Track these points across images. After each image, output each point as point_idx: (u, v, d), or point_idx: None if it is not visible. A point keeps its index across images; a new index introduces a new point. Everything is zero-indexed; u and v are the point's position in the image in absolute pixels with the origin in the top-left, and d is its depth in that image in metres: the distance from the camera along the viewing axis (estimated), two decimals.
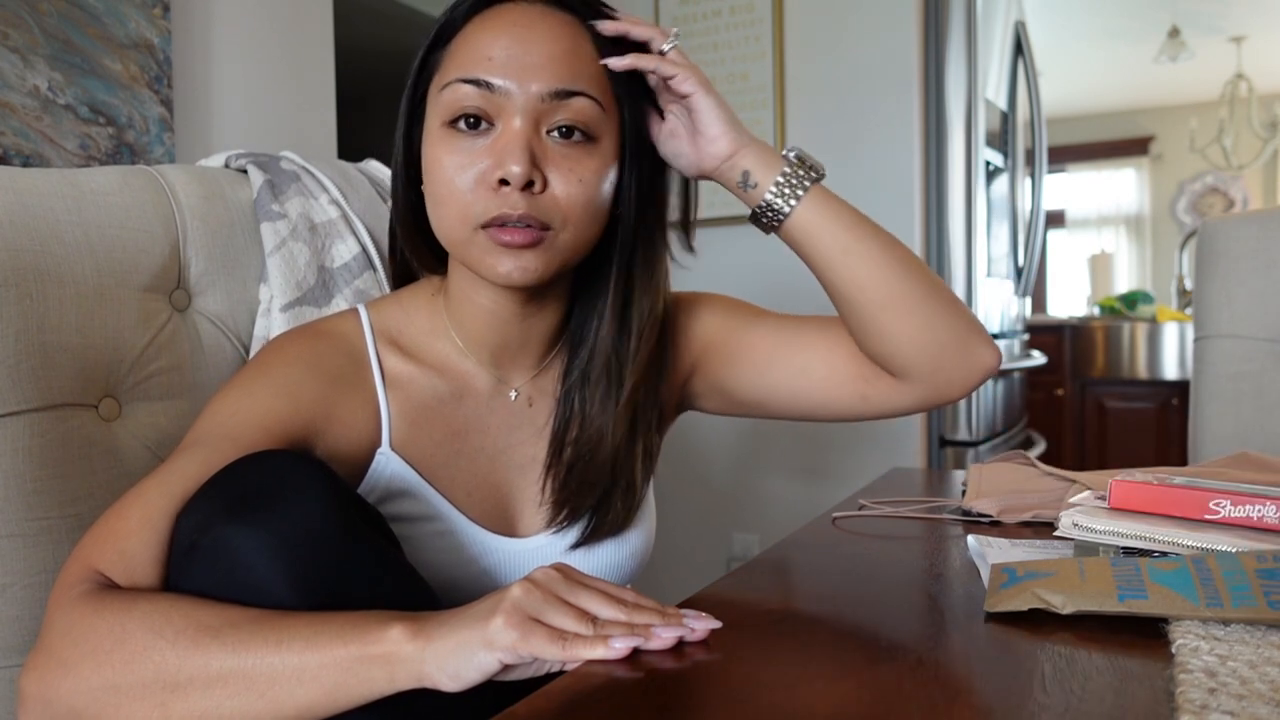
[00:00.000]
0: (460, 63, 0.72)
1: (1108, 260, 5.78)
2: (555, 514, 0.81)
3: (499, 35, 0.71)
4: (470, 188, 0.70)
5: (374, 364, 0.78)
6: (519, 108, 0.70)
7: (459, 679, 0.53)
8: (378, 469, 0.76)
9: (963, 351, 0.80)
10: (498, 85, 0.70)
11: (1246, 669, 0.49)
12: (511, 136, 0.70)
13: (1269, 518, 0.66)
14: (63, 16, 1.44)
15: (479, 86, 0.70)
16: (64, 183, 0.83)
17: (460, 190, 0.70)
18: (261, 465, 0.62)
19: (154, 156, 1.57)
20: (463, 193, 0.70)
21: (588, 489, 0.80)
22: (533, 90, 0.70)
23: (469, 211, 0.70)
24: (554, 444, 0.81)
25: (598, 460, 0.80)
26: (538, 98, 0.70)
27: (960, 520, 0.94)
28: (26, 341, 0.75)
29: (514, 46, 0.70)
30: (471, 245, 0.72)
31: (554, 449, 0.81)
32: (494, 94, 0.70)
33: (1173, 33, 4.57)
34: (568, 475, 0.80)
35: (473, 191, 0.70)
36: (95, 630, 0.56)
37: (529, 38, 0.71)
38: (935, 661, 0.55)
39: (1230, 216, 1.28)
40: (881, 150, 2.25)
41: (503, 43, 0.71)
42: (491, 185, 0.69)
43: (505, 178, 0.69)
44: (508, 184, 0.69)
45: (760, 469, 2.41)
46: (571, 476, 0.80)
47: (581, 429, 0.80)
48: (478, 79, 0.70)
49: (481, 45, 0.71)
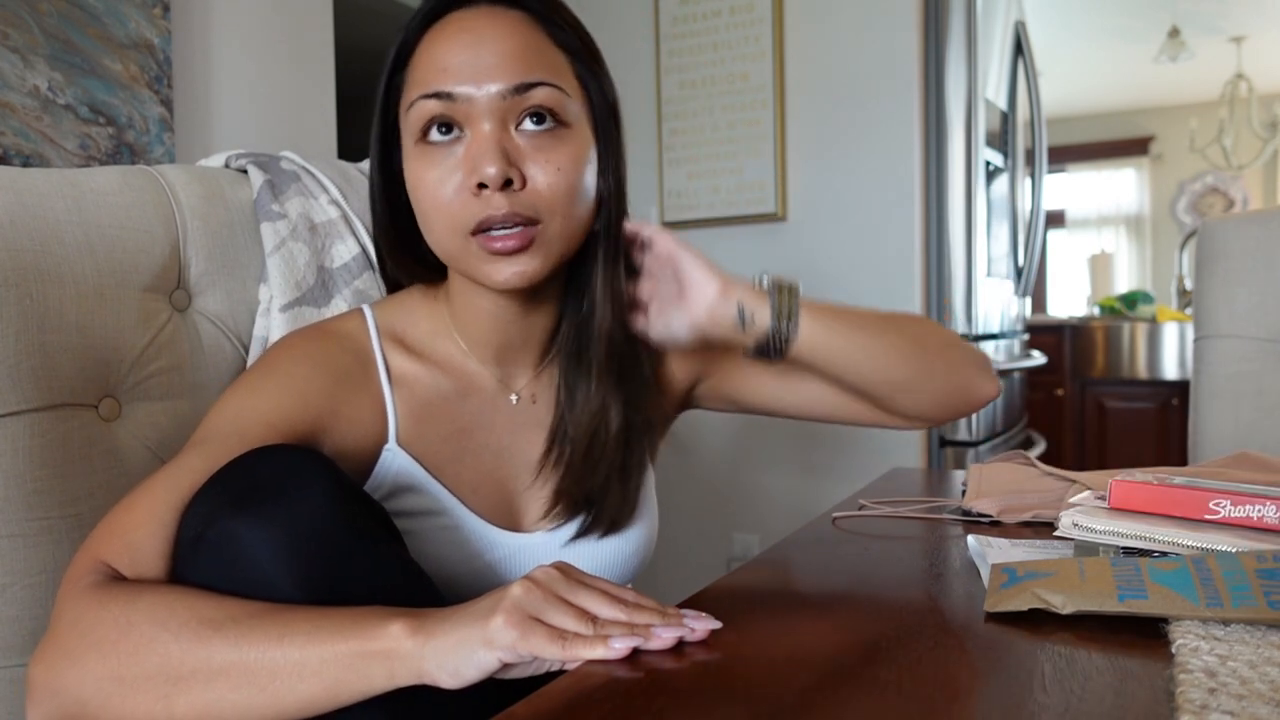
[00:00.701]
0: (419, 80, 0.73)
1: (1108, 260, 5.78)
2: (559, 509, 0.81)
3: (451, 45, 0.72)
4: (453, 197, 0.71)
5: (380, 362, 0.79)
6: (483, 111, 0.71)
7: (458, 677, 0.53)
8: (385, 465, 0.77)
9: (966, 395, 0.88)
10: (458, 93, 0.71)
11: (1246, 669, 0.49)
12: (481, 140, 0.70)
13: (1269, 518, 0.66)
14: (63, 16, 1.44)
15: (440, 99, 0.71)
16: (64, 183, 0.83)
17: (445, 202, 0.71)
18: (266, 460, 0.63)
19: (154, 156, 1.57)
20: (447, 204, 0.71)
21: (590, 482, 0.81)
22: (492, 90, 0.71)
23: (456, 221, 0.71)
24: (556, 438, 0.82)
25: (599, 453, 0.81)
26: (499, 97, 0.71)
27: (960, 520, 0.94)
28: (26, 341, 0.75)
29: (466, 52, 0.71)
30: (466, 255, 0.72)
31: (557, 443, 0.82)
32: (456, 102, 0.71)
33: (1173, 33, 4.57)
34: (570, 469, 0.81)
35: (456, 201, 0.71)
36: (101, 622, 0.56)
37: (480, 41, 0.72)
38: (935, 661, 0.55)
39: (1230, 216, 1.28)
40: (881, 150, 2.25)
41: (455, 51, 0.72)
42: (472, 191, 0.70)
43: (482, 181, 0.69)
44: (486, 187, 0.70)
45: (760, 469, 2.41)
46: (574, 470, 0.81)
47: (582, 422, 0.81)
48: (438, 91, 0.71)
49: (436, 58, 0.72)
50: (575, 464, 0.81)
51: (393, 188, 0.78)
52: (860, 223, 2.27)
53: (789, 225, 2.34)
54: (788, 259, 2.34)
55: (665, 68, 2.46)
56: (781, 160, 2.34)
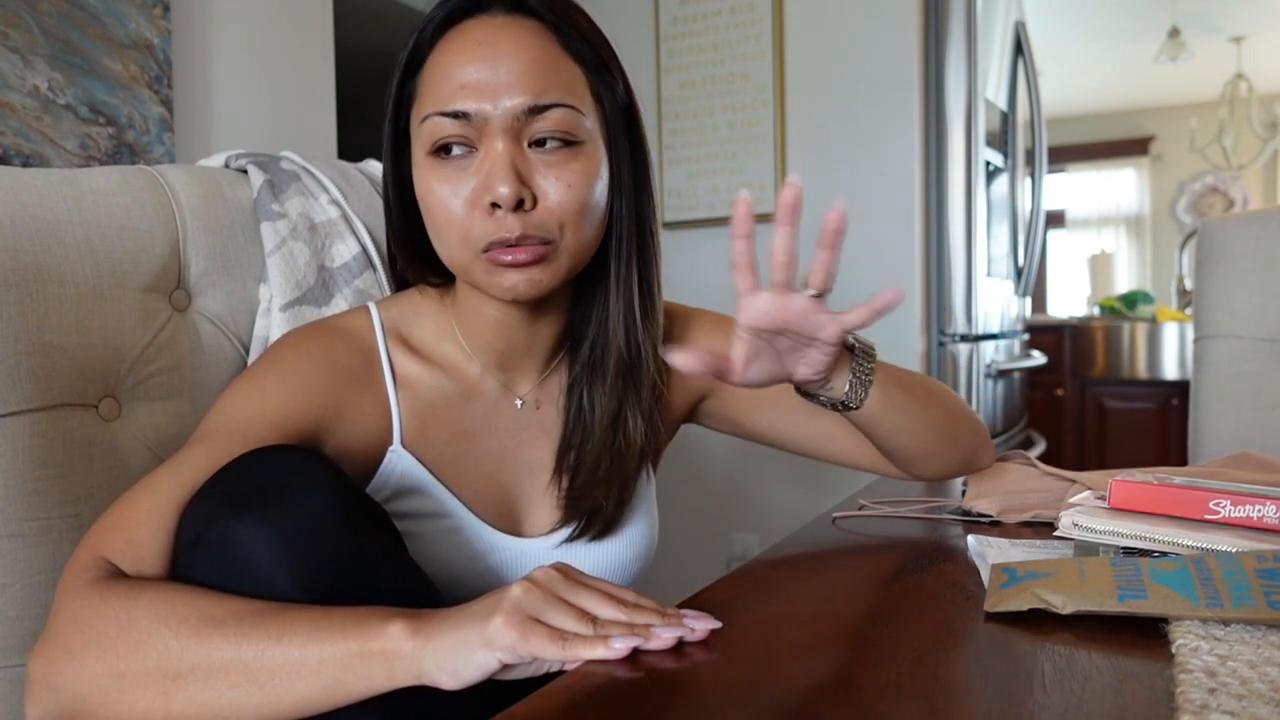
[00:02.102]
0: (433, 95, 0.72)
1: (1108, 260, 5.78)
2: (561, 513, 0.81)
3: (467, 59, 0.71)
4: (465, 212, 0.71)
5: (385, 362, 0.79)
6: (497, 129, 0.70)
7: (458, 677, 0.53)
8: (389, 466, 0.77)
9: (969, 465, 0.93)
10: (473, 112, 0.70)
11: (1246, 669, 0.49)
12: (495, 158, 0.70)
13: (1269, 518, 0.66)
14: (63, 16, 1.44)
15: (455, 118, 0.70)
16: (64, 183, 0.83)
17: (457, 216, 0.71)
18: (266, 461, 0.63)
19: (154, 156, 1.57)
20: (460, 218, 0.71)
21: (593, 488, 0.81)
22: (507, 107, 0.70)
23: (468, 236, 0.71)
24: (562, 445, 0.82)
25: (603, 460, 0.81)
26: (513, 115, 0.70)
27: (960, 520, 0.94)
28: (26, 341, 0.75)
29: (483, 68, 0.70)
30: (475, 268, 0.72)
31: (561, 450, 0.82)
32: (471, 121, 0.70)
33: (1173, 33, 4.57)
34: (575, 475, 0.81)
35: (468, 216, 0.71)
36: (101, 617, 0.56)
37: (496, 56, 0.71)
38: (935, 661, 0.55)
39: (1230, 216, 1.28)
40: (881, 150, 2.25)
41: (472, 67, 0.71)
42: (485, 209, 0.70)
43: (495, 201, 0.69)
44: (499, 207, 0.69)
45: (760, 469, 2.41)
46: (579, 476, 0.81)
47: (587, 429, 0.81)
48: (453, 110, 0.70)
49: (452, 73, 0.71)
50: (581, 472, 0.81)
51: (404, 191, 0.78)
52: (860, 223, 2.27)
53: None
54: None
55: (665, 68, 2.46)
56: (781, 160, 2.34)
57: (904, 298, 0.65)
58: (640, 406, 0.82)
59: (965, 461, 0.92)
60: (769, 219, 2.34)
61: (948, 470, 0.91)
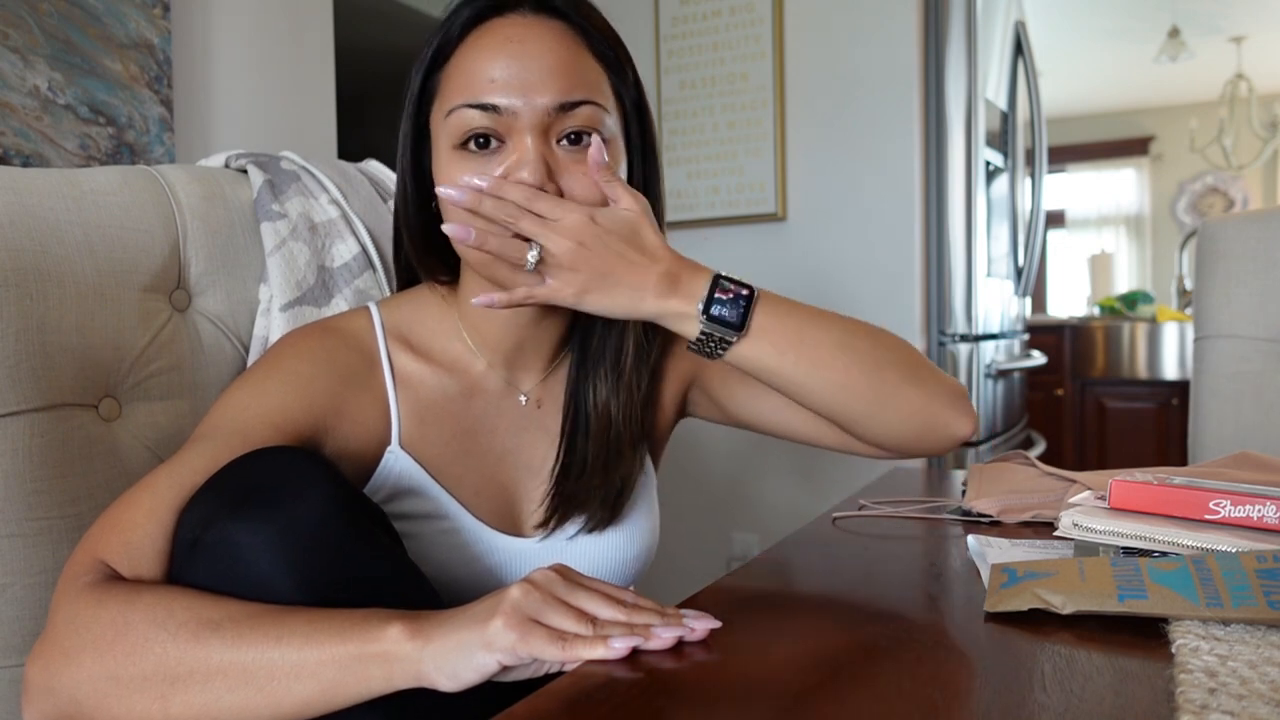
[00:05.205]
0: (462, 87, 0.72)
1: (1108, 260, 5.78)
2: (561, 513, 0.81)
3: (497, 54, 0.71)
4: None
5: (385, 362, 0.79)
6: (527, 124, 0.71)
7: (457, 679, 0.53)
8: (386, 467, 0.77)
9: (935, 430, 0.79)
10: (503, 106, 0.70)
11: (1246, 669, 0.49)
12: (524, 153, 0.70)
13: (1269, 518, 0.66)
14: (63, 16, 1.44)
15: (485, 110, 0.70)
16: (64, 183, 0.83)
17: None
18: (265, 462, 0.63)
19: (154, 156, 1.57)
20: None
21: (594, 488, 0.81)
22: (538, 104, 0.70)
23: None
24: (565, 444, 0.82)
25: (605, 459, 0.81)
26: (544, 111, 0.71)
27: (960, 520, 0.94)
28: (26, 341, 0.75)
29: (513, 64, 0.71)
30: (498, 264, 0.71)
31: (565, 449, 0.82)
32: (501, 115, 0.70)
33: (1173, 33, 4.57)
34: (577, 475, 0.81)
35: None
36: (98, 620, 0.56)
37: (527, 53, 0.71)
38: (935, 661, 0.55)
39: (1230, 216, 1.28)
40: (881, 150, 2.25)
41: (502, 62, 0.71)
42: None
43: None
44: None
45: (760, 469, 2.41)
46: (581, 476, 0.81)
47: (589, 426, 0.81)
48: (483, 103, 0.70)
49: (481, 67, 0.71)
50: (582, 470, 0.81)
51: (421, 187, 0.78)
52: (860, 223, 2.27)
53: (789, 225, 2.34)
54: (788, 259, 2.34)
55: (665, 68, 2.46)
56: (781, 160, 2.34)
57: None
58: (641, 402, 0.82)
59: (924, 426, 0.78)
60: (769, 219, 2.35)
61: (905, 435, 0.79)
